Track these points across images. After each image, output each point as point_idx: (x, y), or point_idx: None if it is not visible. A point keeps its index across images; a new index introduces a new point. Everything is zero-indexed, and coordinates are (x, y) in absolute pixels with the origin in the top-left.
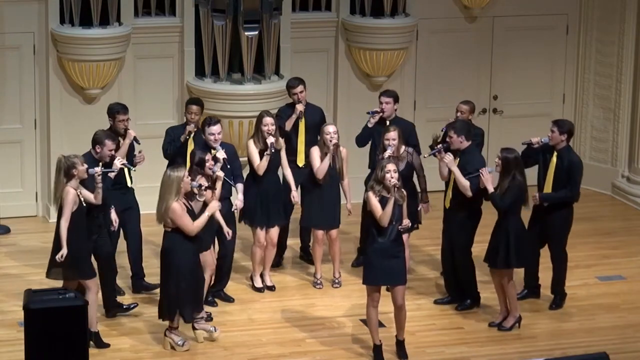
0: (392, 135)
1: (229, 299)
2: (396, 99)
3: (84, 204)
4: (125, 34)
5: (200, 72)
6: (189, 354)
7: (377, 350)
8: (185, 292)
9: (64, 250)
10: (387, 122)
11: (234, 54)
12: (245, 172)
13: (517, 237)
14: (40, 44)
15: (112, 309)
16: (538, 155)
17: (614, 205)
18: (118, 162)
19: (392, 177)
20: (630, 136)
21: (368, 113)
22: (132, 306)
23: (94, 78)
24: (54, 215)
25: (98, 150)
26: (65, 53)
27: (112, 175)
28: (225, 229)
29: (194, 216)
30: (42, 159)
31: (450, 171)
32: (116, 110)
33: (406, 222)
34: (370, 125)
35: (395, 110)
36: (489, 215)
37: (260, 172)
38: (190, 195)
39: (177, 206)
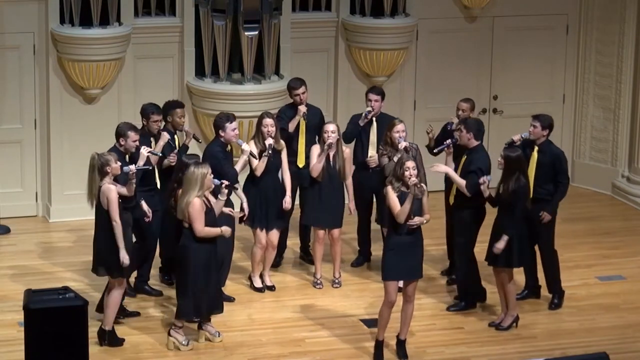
0: (401, 127)
1: (229, 299)
2: (383, 96)
3: (120, 200)
4: (125, 34)
5: (200, 72)
6: (189, 354)
7: (379, 345)
8: (202, 290)
9: (123, 255)
10: (374, 120)
11: (234, 54)
12: (246, 174)
13: (519, 237)
14: (40, 44)
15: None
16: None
17: (614, 205)
18: (145, 151)
19: (411, 175)
20: (630, 136)
21: (365, 115)
22: (134, 313)
23: (94, 78)
24: (54, 215)
25: (122, 143)
26: (65, 53)
27: (148, 163)
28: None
29: (212, 215)
30: (42, 159)
31: (455, 169)
32: (150, 111)
33: (419, 219)
34: (362, 124)
35: (381, 107)
36: (491, 215)
37: (258, 173)
38: (213, 194)
39: (198, 202)
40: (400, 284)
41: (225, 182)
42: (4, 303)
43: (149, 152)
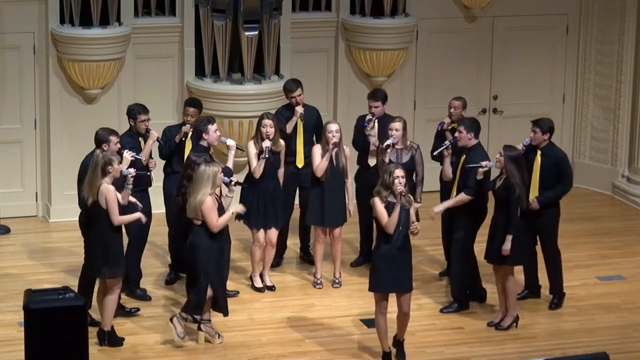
0: (396, 125)
1: (233, 294)
2: (385, 100)
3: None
4: (125, 34)
5: (200, 72)
6: (188, 354)
7: (387, 357)
8: (213, 286)
9: (140, 216)
10: (376, 122)
11: (234, 54)
12: (245, 173)
13: (519, 235)
14: (40, 44)
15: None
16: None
17: (614, 205)
18: (128, 155)
19: (400, 184)
20: (630, 136)
21: (365, 126)
22: (133, 310)
23: (94, 78)
24: (54, 215)
25: (105, 148)
26: (65, 53)
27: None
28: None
29: (222, 212)
30: (42, 159)
31: (454, 172)
32: (137, 111)
33: (414, 226)
34: (367, 133)
35: (383, 110)
36: (491, 215)
37: (256, 175)
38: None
39: (210, 200)
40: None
41: (235, 180)
42: (4, 303)
43: (132, 156)
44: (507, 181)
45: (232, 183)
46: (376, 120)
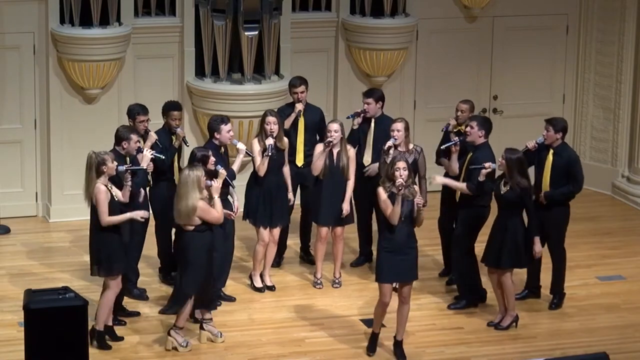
0: (398, 126)
1: (230, 299)
2: (378, 99)
3: (116, 199)
4: (125, 34)
5: (200, 72)
6: (189, 354)
7: (374, 337)
8: (204, 288)
9: (135, 214)
10: (372, 121)
11: (234, 54)
12: (249, 171)
13: (524, 238)
14: (40, 44)
15: (116, 310)
16: (533, 155)
17: (614, 205)
18: (148, 153)
19: (400, 175)
20: (630, 136)
21: (348, 117)
22: (133, 313)
23: (94, 78)
24: (54, 215)
25: (125, 146)
26: (65, 53)
27: (143, 167)
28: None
29: None
30: (42, 159)
31: (459, 167)
32: (136, 112)
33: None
34: (354, 127)
35: (381, 108)
36: (492, 216)
37: (261, 173)
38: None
39: (203, 204)
40: (396, 285)
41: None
42: (4, 303)
43: (152, 154)
44: (516, 190)
45: (212, 187)
46: (373, 121)
